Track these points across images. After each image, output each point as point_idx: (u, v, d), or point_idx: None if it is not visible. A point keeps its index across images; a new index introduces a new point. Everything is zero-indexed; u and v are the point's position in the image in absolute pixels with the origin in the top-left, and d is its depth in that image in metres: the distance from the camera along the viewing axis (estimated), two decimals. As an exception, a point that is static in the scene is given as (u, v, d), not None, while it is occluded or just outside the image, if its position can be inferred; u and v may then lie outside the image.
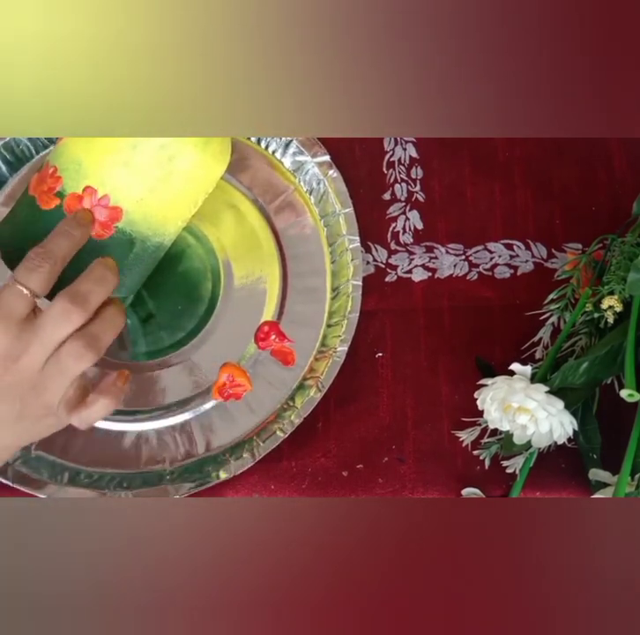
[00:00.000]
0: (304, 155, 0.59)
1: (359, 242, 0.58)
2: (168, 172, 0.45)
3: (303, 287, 0.57)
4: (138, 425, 0.54)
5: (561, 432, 0.49)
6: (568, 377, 0.50)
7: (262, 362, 0.55)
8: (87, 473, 0.53)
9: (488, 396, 0.50)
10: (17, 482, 0.52)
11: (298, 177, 0.59)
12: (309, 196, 0.59)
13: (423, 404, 0.56)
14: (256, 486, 0.54)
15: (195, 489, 0.53)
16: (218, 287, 0.56)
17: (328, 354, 0.56)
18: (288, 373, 0.55)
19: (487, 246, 0.59)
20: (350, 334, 0.56)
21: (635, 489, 0.47)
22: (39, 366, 0.42)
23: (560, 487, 0.54)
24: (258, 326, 0.56)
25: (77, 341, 0.42)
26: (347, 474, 0.55)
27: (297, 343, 0.56)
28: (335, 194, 0.58)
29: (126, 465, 0.54)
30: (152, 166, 0.44)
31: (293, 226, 0.58)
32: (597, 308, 0.53)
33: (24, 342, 0.41)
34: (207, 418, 0.55)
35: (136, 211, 0.45)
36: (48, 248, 0.43)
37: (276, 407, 0.55)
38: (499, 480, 0.55)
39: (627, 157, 0.61)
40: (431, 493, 0.54)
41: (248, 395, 0.54)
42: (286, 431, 0.54)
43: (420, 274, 0.59)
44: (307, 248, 0.58)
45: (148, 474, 0.54)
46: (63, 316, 0.41)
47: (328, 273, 0.57)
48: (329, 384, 0.55)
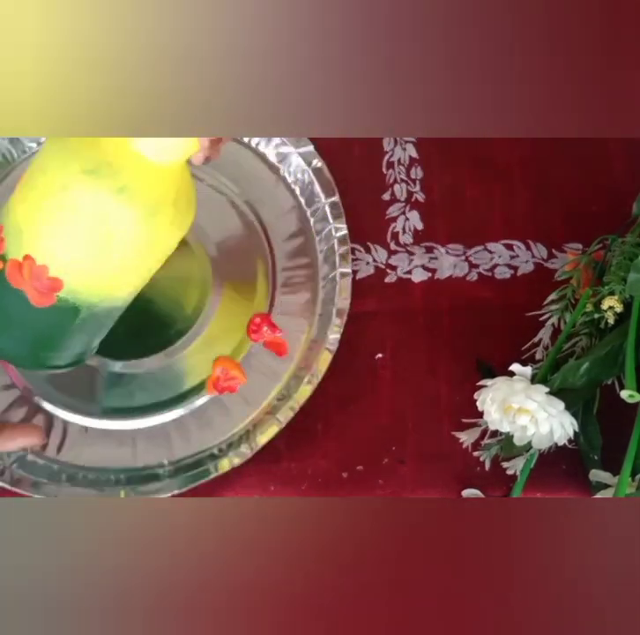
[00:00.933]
0: (288, 146, 0.59)
1: (346, 230, 0.58)
2: (107, 247, 0.43)
3: (292, 278, 0.57)
4: (134, 423, 0.54)
5: (561, 433, 0.49)
6: (568, 377, 0.50)
7: (255, 354, 0.56)
8: (85, 472, 0.54)
9: (488, 397, 0.50)
10: (15, 485, 0.52)
11: (282, 168, 0.59)
12: (294, 186, 0.59)
13: (423, 405, 0.56)
14: (255, 487, 0.54)
15: (193, 483, 0.53)
16: (207, 281, 0.56)
17: (321, 344, 0.56)
18: (282, 364, 0.56)
19: (487, 246, 0.59)
20: (342, 322, 0.56)
21: (635, 490, 0.47)
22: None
23: (560, 488, 0.54)
24: (250, 319, 0.56)
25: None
26: (347, 475, 0.55)
27: (289, 334, 0.56)
28: (320, 184, 0.58)
29: (123, 463, 0.54)
30: (90, 241, 0.43)
31: (280, 218, 0.58)
32: (597, 308, 0.53)
33: None
34: (203, 413, 0.55)
35: (76, 281, 0.44)
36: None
37: (271, 398, 0.55)
38: (499, 481, 0.54)
39: (627, 157, 0.61)
40: (431, 494, 0.54)
41: (242, 388, 0.54)
42: (283, 422, 0.54)
43: (420, 275, 0.59)
44: (294, 238, 0.58)
45: (146, 470, 0.54)
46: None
47: (316, 263, 0.58)
48: (323, 372, 0.55)
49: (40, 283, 0.43)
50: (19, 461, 0.53)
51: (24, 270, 0.43)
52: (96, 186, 0.42)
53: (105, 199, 0.42)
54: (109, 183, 0.42)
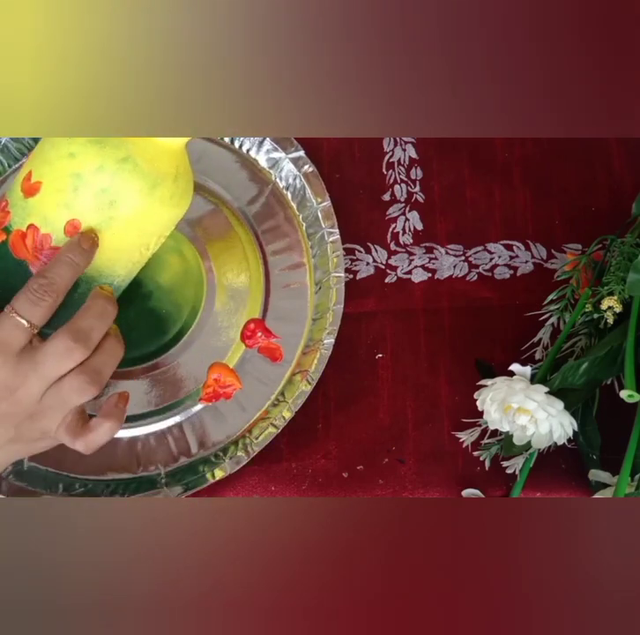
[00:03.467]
0: (278, 152, 0.59)
1: (338, 235, 0.58)
2: (109, 217, 0.44)
3: (286, 284, 0.57)
4: (130, 431, 0.54)
5: (561, 433, 0.49)
6: (568, 377, 0.50)
7: (249, 359, 0.55)
8: (82, 482, 0.54)
9: (488, 397, 0.50)
10: (12, 495, 0.52)
11: (274, 174, 0.59)
12: (286, 192, 0.59)
13: (423, 405, 0.56)
14: (255, 487, 0.54)
15: (190, 490, 0.53)
16: (201, 288, 0.56)
17: (315, 348, 0.56)
18: (277, 369, 0.56)
19: (487, 247, 0.59)
20: (336, 326, 0.56)
21: (635, 490, 0.47)
22: (37, 398, 0.42)
23: (560, 487, 0.54)
24: (244, 324, 0.56)
25: (80, 377, 0.42)
26: (347, 475, 0.55)
27: (283, 339, 0.56)
28: (311, 188, 0.58)
29: (120, 471, 0.54)
30: (92, 210, 0.44)
31: (272, 223, 0.58)
32: (596, 308, 0.53)
33: (21, 375, 0.42)
34: (198, 419, 0.55)
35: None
36: (51, 279, 0.42)
37: (267, 404, 0.55)
38: (499, 481, 0.55)
39: (626, 157, 0.61)
40: (431, 494, 0.54)
41: (238, 393, 0.54)
42: (279, 427, 0.54)
43: (420, 275, 0.59)
44: (287, 244, 0.58)
45: (143, 478, 0.54)
46: (66, 354, 0.42)
47: (309, 268, 0.58)
48: (318, 376, 0.55)
49: (43, 252, 0.44)
50: (15, 472, 0.53)
51: (27, 239, 0.44)
52: (101, 155, 0.43)
53: (109, 168, 0.43)
54: (114, 152, 0.43)
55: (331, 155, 0.60)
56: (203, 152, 0.59)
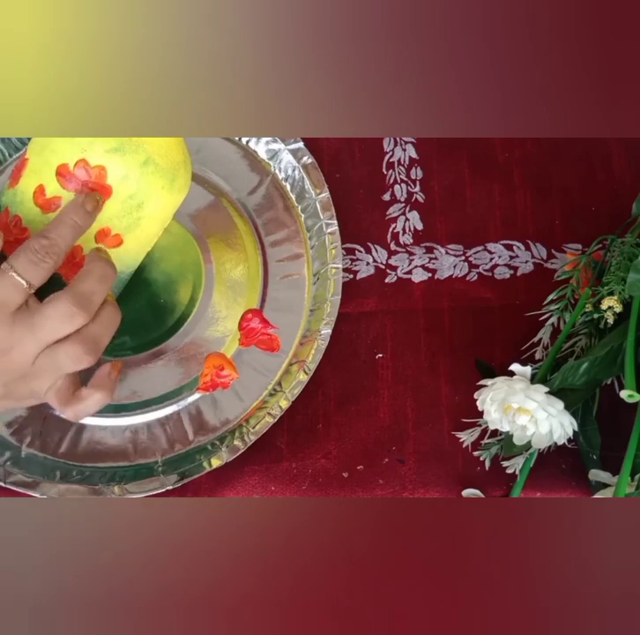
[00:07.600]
0: (278, 143, 0.59)
1: (337, 226, 0.58)
2: (137, 218, 0.45)
3: (284, 275, 0.58)
4: (128, 419, 0.54)
5: (561, 433, 0.49)
6: (568, 377, 0.50)
7: (247, 350, 0.56)
8: (79, 469, 0.54)
9: (488, 397, 0.50)
10: (9, 482, 0.52)
11: (273, 165, 0.59)
12: (285, 183, 0.59)
13: (423, 405, 0.56)
14: (255, 487, 0.54)
15: (187, 478, 0.53)
16: (199, 278, 0.56)
17: (313, 338, 0.56)
18: (274, 359, 0.56)
19: (487, 247, 0.59)
20: (333, 317, 0.56)
21: (635, 490, 0.47)
22: (30, 359, 0.41)
23: (560, 487, 0.54)
24: (242, 315, 0.56)
25: (78, 346, 0.41)
26: (348, 475, 0.55)
27: (281, 329, 0.56)
28: (310, 180, 0.59)
29: (117, 459, 0.54)
30: (121, 215, 0.44)
31: (271, 214, 0.59)
32: (597, 308, 0.53)
33: (17, 336, 0.41)
34: (196, 408, 0.55)
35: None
36: (53, 240, 0.41)
37: (264, 393, 0.55)
38: (499, 481, 0.55)
39: (626, 157, 0.61)
40: (431, 494, 0.54)
41: (235, 383, 0.54)
42: (276, 416, 0.54)
43: (420, 275, 0.59)
44: (286, 235, 0.58)
45: (139, 466, 0.54)
46: (67, 318, 0.41)
47: (308, 259, 0.58)
48: (315, 367, 0.55)
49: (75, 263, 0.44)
50: (13, 459, 0.53)
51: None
52: (124, 163, 0.43)
53: (133, 175, 0.43)
54: (134, 157, 0.43)
55: (331, 155, 0.60)
56: (202, 143, 0.59)
